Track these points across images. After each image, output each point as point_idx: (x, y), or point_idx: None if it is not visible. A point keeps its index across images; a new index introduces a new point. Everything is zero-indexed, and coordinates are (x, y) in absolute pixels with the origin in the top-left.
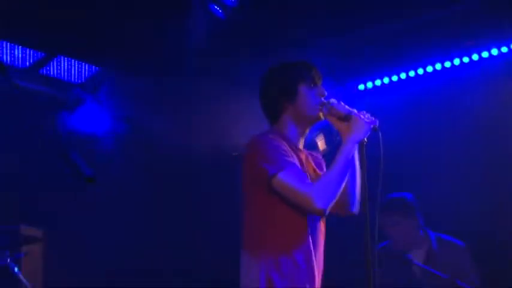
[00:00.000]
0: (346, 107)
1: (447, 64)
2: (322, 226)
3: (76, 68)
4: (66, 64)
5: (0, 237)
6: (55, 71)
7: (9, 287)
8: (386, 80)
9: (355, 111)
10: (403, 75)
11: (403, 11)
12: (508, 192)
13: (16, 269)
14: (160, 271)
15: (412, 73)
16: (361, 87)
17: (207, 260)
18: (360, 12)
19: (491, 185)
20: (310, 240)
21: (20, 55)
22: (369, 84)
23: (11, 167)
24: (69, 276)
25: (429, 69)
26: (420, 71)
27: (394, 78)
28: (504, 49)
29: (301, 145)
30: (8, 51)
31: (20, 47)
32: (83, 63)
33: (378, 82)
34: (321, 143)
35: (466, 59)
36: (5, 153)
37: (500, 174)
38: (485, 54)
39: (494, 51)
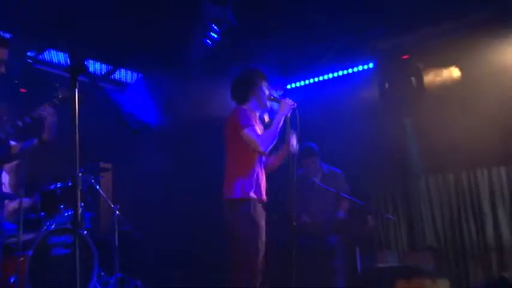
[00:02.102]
0: (279, 95)
1: (335, 74)
2: (263, 164)
3: (130, 75)
4: (125, 73)
5: (88, 168)
6: (117, 76)
7: (93, 197)
8: (302, 82)
9: (284, 98)
10: (311, 80)
11: (315, 40)
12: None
13: (97, 187)
14: (188, 184)
15: (316, 79)
16: (288, 86)
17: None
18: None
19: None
20: (259, 167)
21: (99, 67)
22: (293, 85)
23: (92, 126)
24: (127, 191)
25: (325, 77)
26: (324, 78)
27: (306, 82)
28: (365, 66)
29: (256, 115)
30: (92, 65)
31: (99, 62)
32: (134, 72)
33: (298, 84)
34: (266, 118)
35: (345, 72)
36: (88, 118)
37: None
38: (355, 69)
39: (365, 67)
